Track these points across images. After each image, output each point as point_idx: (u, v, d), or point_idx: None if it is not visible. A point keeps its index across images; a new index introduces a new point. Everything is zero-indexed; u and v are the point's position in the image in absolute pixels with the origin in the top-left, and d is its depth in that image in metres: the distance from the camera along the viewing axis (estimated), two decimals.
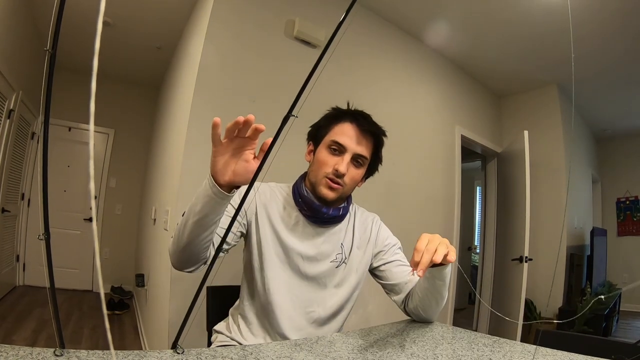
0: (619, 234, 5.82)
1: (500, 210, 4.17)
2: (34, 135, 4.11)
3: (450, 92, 3.70)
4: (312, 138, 1.18)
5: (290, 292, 1.11)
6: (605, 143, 5.95)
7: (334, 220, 1.16)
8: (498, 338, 1.00)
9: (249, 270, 1.14)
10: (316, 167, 1.11)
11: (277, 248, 1.11)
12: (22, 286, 4.09)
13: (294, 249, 1.12)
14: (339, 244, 1.17)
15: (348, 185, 1.11)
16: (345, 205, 1.18)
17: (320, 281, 1.14)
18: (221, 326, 1.20)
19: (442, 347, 0.93)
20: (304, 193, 1.12)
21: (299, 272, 1.12)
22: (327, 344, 0.89)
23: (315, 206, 1.10)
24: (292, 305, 1.11)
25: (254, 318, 1.12)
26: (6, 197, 3.29)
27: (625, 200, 5.77)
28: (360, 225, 1.23)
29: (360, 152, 1.10)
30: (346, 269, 1.17)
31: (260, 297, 1.10)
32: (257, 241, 1.11)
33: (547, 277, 3.92)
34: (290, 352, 0.81)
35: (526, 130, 3.41)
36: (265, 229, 1.11)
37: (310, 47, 2.48)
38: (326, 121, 1.15)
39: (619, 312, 4.76)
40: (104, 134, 4.68)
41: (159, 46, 3.53)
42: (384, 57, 3.04)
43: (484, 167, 4.53)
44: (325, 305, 1.14)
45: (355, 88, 2.74)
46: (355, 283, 1.19)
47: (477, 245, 5.36)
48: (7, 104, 3.01)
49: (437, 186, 3.49)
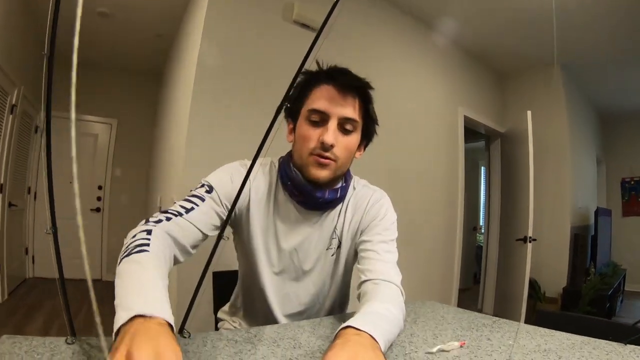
0: (624, 215, 5.80)
1: (504, 191, 4.17)
2: (37, 129, 4.13)
3: (452, 73, 3.68)
4: (290, 114, 0.99)
5: (284, 286, 1.03)
6: (610, 123, 5.89)
7: (330, 204, 0.99)
8: (498, 319, 1.02)
9: (241, 260, 1.08)
10: (299, 146, 0.93)
11: (266, 243, 1.00)
12: (32, 278, 4.18)
13: (286, 241, 1.00)
14: (332, 230, 1.02)
15: (342, 158, 0.92)
16: (344, 184, 1.00)
17: (316, 272, 1.04)
18: (225, 310, 1.18)
19: (442, 327, 0.94)
20: (293, 175, 0.94)
21: (292, 264, 1.02)
22: (329, 324, 0.91)
23: (307, 190, 0.93)
24: (289, 297, 1.04)
25: (251, 305, 1.08)
26: (13, 191, 3.33)
27: (630, 181, 5.74)
28: (354, 204, 1.04)
29: (346, 114, 0.90)
30: (341, 255, 1.05)
31: (255, 287, 1.03)
32: (247, 233, 0.99)
33: (552, 257, 3.94)
34: (294, 333, 0.84)
35: (529, 110, 3.39)
36: (254, 219, 0.98)
37: (310, 31, 2.45)
38: (298, 90, 0.95)
39: (624, 292, 4.77)
40: (107, 124, 4.70)
41: (159, 34, 3.51)
42: (384, 39, 3.01)
43: (487, 147, 4.51)
44: (325, 295, 1.08)
45: (353, 70, 2.71)
46: (346, 270, 1.08)
47: (482, 225, 5.37)
48: (10, 99, 3.03)
49: (441, 168, 3.50)
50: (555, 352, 0.76)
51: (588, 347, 0.79)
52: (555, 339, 0.85)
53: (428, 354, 0.75)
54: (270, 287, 1.01)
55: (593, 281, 3.55)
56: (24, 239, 4.06)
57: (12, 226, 3.35)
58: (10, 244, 3.32)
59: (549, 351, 0.76)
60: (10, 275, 3.39)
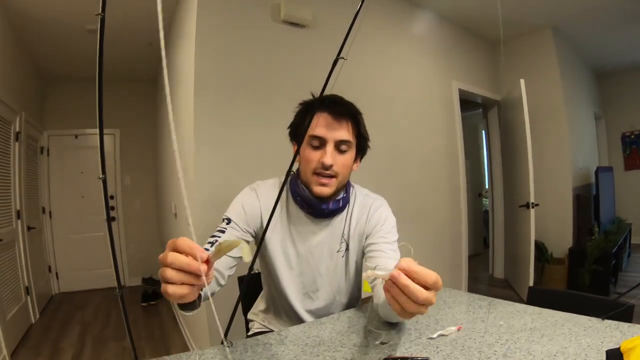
0: (626, 169, 5.82)
1: (505, 157, 4.24)
2: (42, 150, 4.24)
3: (443, 48, 3.67)
4: (294, 138, 1.16)
5: (302, 289, 1.17)
6: (607, 79, 5.86)
7: (335, 212, 1.15)
8: (493, 299, 1.11)
9: (263, 268, 1.21)
10: (303, 166, 1.10)
11: (285, 249, 1.15)
12: (58, 294, 4.35)
13: (302, 244, 1.15)
14: (341, 235, 1.18)
15: (341, 174, 1.09)
16: (345, 195, 1.16)
17: (330, 271, 1.17)
18: (254, 313, 1.31)
19: (443, 312, 1.05)
20: (301, 191, 1.11)
21: (309, 268, 1.16)
22: (346, 319, 1.04)
23: (314, 203, 1.10)
24: (309, 297, 1.17)
25: (277, 308, 1.22)
26: (29, 214, 3.45)
27: (630, 135, 5.74)
28: (358, 212, 1.20)
29: (341, 137, 1.07)
30: (349, 256, 1.19)
31: (276, 291, 1.18)
32: (267, 244, 1.14)
33: (556, 220, 4.02)
34: (317, 330, 0.96)
35: (523, 77, 3.40)
36: (271, 233, 1.13)
37: (299, 28, 2.49)
38: (299, 118, 1.13)
39: (630, 246, 4.83)
40: (110, 135, 4.77)
41: (150, 42, 3.54)
42: (374, 22, 2.98)
43: (485, 115, 4.54)
44: (341, 293, 1.20)
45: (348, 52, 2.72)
46: (357, 269, 1.22)
47: (487, 189, 5.44)
48: (13, 127, 3.11)
49: (439, 142, 3.55)
50: (539, 330, 0.86)
51: (569, 323, 0.88)
52: (542, 317, 0.94)
53: (430, 339, 0.86)
54: (291, 289, 1.16)
55: (597, 240, 3.62)
56: (46, 257, 4.21)
57: (32, 247, 3.48)
58: (34, 265, 3.46)
59: (534, 329, 0.86)
60: (38, 294, 3.54)
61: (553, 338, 0.81)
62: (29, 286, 3.27)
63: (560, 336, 0.82)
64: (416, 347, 0.81)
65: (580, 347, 0.76)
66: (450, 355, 0.76)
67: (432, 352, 0.78)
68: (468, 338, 0.85)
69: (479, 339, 0.83)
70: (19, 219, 3.14)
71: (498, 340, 0.82)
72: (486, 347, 0.79)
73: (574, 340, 0.79)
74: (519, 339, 0.81)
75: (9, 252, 2.91)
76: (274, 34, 2.39)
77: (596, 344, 0.77)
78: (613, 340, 0.78)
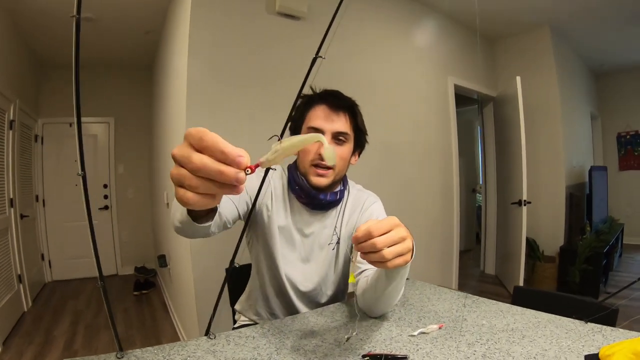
0: (621, 169, 5.85)
1: (499, 154, 4.24)
2: (37, 138, 4.21)
3: (439, 43, 3.65)
4: (293, 131, 1.18)
5: (296, 277, 1.17)
6: (604, 78, 5.86)
7: (331, 204, 1.17)
8: (478, 297, 1.12)
9: (256, 255, 1.21)
10: (301, 157, 1.12)
11: (282, 236, 1.15)
12: (51, 282, 4.36)
13: (301, 229, 1.16)
14: (333, 228, 1.19)
15: (339, 166, 1.11)
16: (342, 188, 1.19)
17: (320, 261, 1.19)
18: (241, 304, 1.32)
19: (427, 309, 1.05)
20: (300, 180, 1.12)
21: (301, 257, 1.18)
22: (329, 314, 1.03)
23: (312, 194, 1.11)
24: (297, 278, 1.17)
25: (268, 298, 1.21)
26: (22, 201, 3.44)
27: (625, 135, 5.75)
28: (351, 206, 1.22)
29: (338, 129, 1.09)
30: (340, 249, 1.20)
31: (270, 280, 1.19)
32: (263, 229, 1.15)
33: (548, 218, 4.05)
34: (300, 324, 0.97)
35: (519, 74, 3.41)
36: (272, 218, 1.14)
37: (294, 20, 2.47)
38: (299, 111, 1.15)
39: (622, 246, 4.86)
40: (105, 123, 4.75)
41: (148, 30, 3.51)
42: (371, 16, 2.98)
43: (480, 111, 4.54)
44: (326, 284, 1.22)
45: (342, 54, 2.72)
46: (345, 263, 1.22)
47: (481, 185, 5.47)
48: (7, 115, 3.08)
49: (434, 138, 3.55)
50: (520, 331, 0.86)
51: (551, 325, 0.89)
52: (524, 317, 0.95)
53: (411, 337, 0.86)
54: (283, 265, 1.16)
55: (589, 239, 3.65)
56: (38, 245, 4.20)
57: (25, 235, 3.47)
58: (26, 253, 3.45)
59: (515, 330, 0.87)
60: (30, 283, 3.53)
61: (534, 340, 0.81)
62: (22, 274, 3.27)
63: (542, 338, 0.82)
64: (396, 345, 0.82)
65: (560, 350, 0.76)
66: (429, 354, 0.77)
67: (412, 350, 0.79)
68: (449, 337, 0.85)
69: (460, 338, 0.84)
70: (12, 207, 3.13)
71: (479, 339, 0.83)
72: (466, 346, 0.80)
73: (554, 342, 0.79)
74: (500, 340, 0.82)
75: (2, 240, 2.90)
76: (268, 25, 2.38)
77: (577, 347, 0.77)
78: (594, 344, 0.78)
